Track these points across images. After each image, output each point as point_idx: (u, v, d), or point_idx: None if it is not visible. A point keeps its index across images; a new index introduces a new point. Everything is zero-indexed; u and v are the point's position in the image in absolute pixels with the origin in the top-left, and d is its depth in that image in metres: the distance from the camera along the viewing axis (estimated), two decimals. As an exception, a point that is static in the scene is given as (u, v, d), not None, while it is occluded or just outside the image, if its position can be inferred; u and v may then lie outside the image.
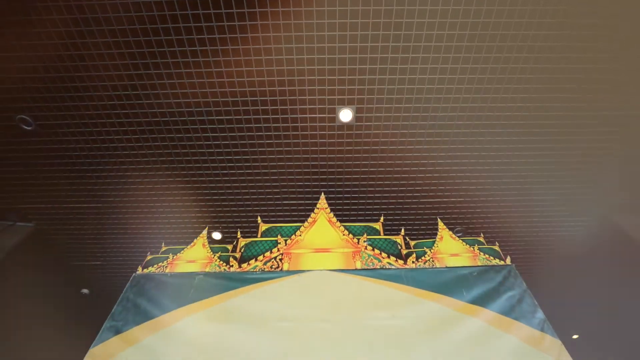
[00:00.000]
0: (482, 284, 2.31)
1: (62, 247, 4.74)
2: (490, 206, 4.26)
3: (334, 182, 3.96)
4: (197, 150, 3.70)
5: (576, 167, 3.83)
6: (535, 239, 4.66)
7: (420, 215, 4.29)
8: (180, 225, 4.50)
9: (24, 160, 3.75)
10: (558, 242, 4.66)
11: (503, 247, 4.40)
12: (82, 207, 4.23)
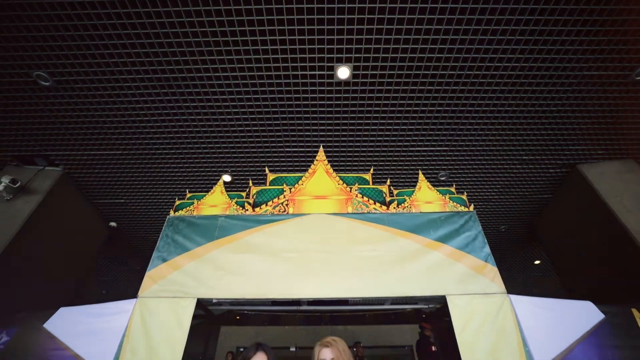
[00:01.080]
0: (447, 226, 2.93)
1: (89, 188, 5.32)
2: (463, 164, 4.76)
3: (331, 136, 4.36)
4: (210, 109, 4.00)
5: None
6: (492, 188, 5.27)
7: (404, 167, 4.80)
8: (200, 173, 5.02)
9: (45, 113, 4.07)
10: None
11: (469, 197, 5.03)
12: (103, 153, 4.67)
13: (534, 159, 4.76)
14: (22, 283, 4.32)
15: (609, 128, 4.32)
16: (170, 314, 2.43)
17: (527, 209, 5.83)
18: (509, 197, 5.56)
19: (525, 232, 6.51)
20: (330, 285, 2.64)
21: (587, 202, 4.72)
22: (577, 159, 4.78)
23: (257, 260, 2.78)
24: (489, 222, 6.27)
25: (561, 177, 5.12)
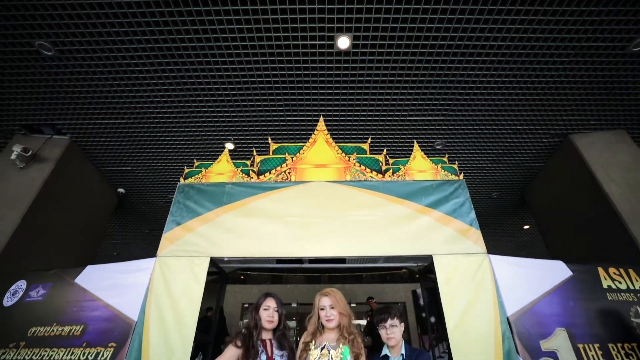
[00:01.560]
0: (437, 193, 3.16)
1: (96, 155, 5.50)
2: (459, 133, 4.89)
3: (331, 106, 4.45)
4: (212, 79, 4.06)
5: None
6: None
7: (401, 136, 4.95)
8: (204, 140, 5.17)
9: (49, 83, 4.13)
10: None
11: (464, 164, 5.23)
12: (108, 122, 4.79)
13: (528, 128, 4.90)
14: (42, 245, 4.65)
15: (603, 99, 4.41)
16: (187, 271, 2.73)
17: (519, 176, 6.07)
18: (501, 165, 5.77)
19: (516, 198, 6.80)
20: (329, 246, 2.92)
21: (575, 171, 4.95)
22: (569, 129, 4.93)
23: (263, 224, 3.04)
24: (482, 189, 6.54)
25: (553, 147, 5.29)
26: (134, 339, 2.44)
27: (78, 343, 2.55)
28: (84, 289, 2.87)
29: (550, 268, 2.91)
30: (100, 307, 2.69)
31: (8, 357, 2.66)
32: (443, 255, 2.79)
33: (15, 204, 4.31)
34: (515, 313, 2.56)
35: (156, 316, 2.52)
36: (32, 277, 3.16)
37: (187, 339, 2.41)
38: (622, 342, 2.65)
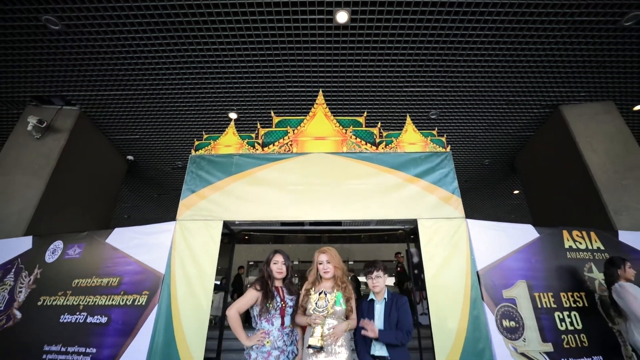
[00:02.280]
0: (425, 164, 3.49)
1: (106, 125, 5.75)
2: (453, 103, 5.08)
3: (330, 79, 4.61)
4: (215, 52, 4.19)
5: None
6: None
7: (398, 107, 5.14)
8: (208, 110, 5.38)
9: (58, 56, 4.28)
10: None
11: (458, 133, 5.48)
12: (116, 93, 4.98)
13: (519, 99, 5.09)
14: (65, 209, 5.08)
15: (593, 71, 4.56)
16: (204, 232, 3.15)
17: (510, 145, 6.35)
18: (493, 134, 6.02)
19: (507, 165, 7.13)
20: (326, 211, 3.31)
21: (561, 141, 5.22)
22: (560, 100, 5.11)
23: (268, 191, 3.41)
24: (474, 156, 6.84)
25: (544, 117, 5.51)
26: (163, 288, 2.92)
27: (117, 291, 3.05)
28: (115, 248, 3.31)
29: (520, 231, 3.33)
30: (131, 262, 3.15)
31: (59, 303, 3.19)
32: (426, 219, 3.18)
33: (38, 172, 4.66)
34: (484, 268, 3.01)
35: (180, 269, 2.98)
36: (67, 238, 3.61)
37: (208, 287, 2.89)
38: (573, 292, 3.15)
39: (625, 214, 4.28)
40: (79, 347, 2.89)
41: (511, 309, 2.90)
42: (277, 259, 2.35)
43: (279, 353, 2.05)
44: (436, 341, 2.69)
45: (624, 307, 2.76)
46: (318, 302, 2.20)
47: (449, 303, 2.83)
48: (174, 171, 7.52)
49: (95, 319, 2.98)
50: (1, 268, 3.66)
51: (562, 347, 2.85)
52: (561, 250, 3.35)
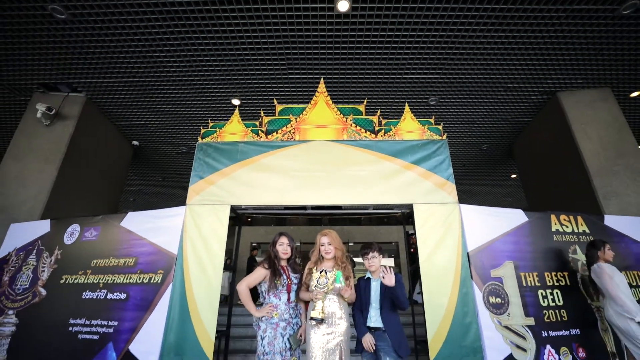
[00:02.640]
0: (422, 152, 3.64)
1: (111, 111, 5.86)
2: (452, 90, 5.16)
3: (331, 67, 4.69)
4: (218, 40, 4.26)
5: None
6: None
7: (397, 94, 5.23)
8: (211, 96, 5.48)
9: (64, 44, 4.35)
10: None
11: (456, 118, 5.58)
12: (121, 80, 5.08)
13: (517, 86, 5.17)
14: (76, 194, 5.29)
15: (591, 59, 4.62)
16: (212, 216, 3.36)
17: (508, 130, 6.46)
18: (492, 119, 6.12)
19: (505, 150, 7.27)
20: (328, 196, 3.50)
21: (557, 128, 5.34)
22: (558, 86, 5.19)
23: (272, 177, 3.59)
24: (473, 141, 6.96)
25: (542, 103, 5.60)
26: (176, 268, 3.15)
27: (133, 271, 3.30)
28: (129, 230, 3.54)
29: (510, 215, 3.53)
30: (146, 244, 3.38)
31: (80, 281, 3.45)
32: (422, 204, 3.38)
33: (49, 158, 4.84)
34: (475, 249, 3.23)
35: (192, 251, 3.21)
36: (83, 222, 3.83)
37: (218, 267, 3.13)
38: (556, 271, 3.38)
39: (614, 199, 4.47)
40: (101, 320, 3.16)
41: (498, 287, 3.14)
42: (282, 240, 2.56)
43: (286, 324, 2.30)
44: (428, 315, 2.95)
45: (600, 286, 3.00)
46: (319, 279, 2.43)
47: (440, 281, 3.07)
48: (178, 156, 7.69)
49: (115, 295, 3.24)
50: (23, 249, 3.91)
51: (543, 321, 3.11)
52: (548, 234, 3.56)
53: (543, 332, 3.06)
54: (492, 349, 2.87)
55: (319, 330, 2.29)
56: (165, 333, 2.92)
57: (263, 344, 2.22)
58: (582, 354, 3.10)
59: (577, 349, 3.10)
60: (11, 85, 5.10)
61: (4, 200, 4.51)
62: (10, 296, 3.64)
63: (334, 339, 2.28)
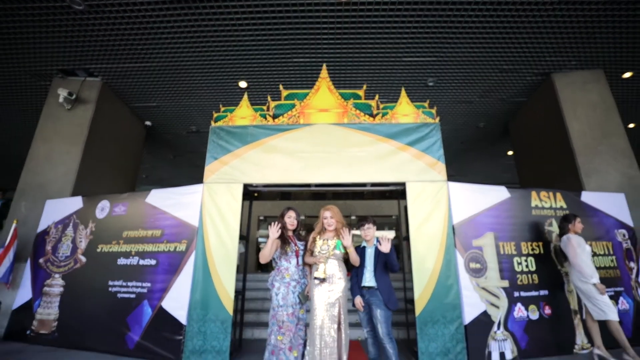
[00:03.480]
0: (416, 134, 3.98)
1: (125, 94, 6.18)
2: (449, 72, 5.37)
3: (333, 54, 4.91)
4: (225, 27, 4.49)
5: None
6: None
7: (396, 77, 5.46)
8: (219, 79, 5.75)
9: (82, 33, 4.62)
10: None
11: (454, 99, 5.82)
12: (135, 65, 5.36)
13: (513, 67, 5.36)
14: (99, 173, 5.75)
15: (584, 41, 4.78)
16: (227, 193, 3.79)
17: (504, 110, 6.68)
18: (488, 99, 6.34)
19: (501, 129, 7.51)
20: (330, 175, 3.89)
21: (549, 108, 5.58)
22: (552, 68, 5.37)
23: (280, 158, 3.98)
24: (470, 120, 7.21)
25: (537, 84, 5.80)
26: (198, 238, 3.64)
27: (160, 241, 3.79)
28: (154, 206, 4.00)
29: (494, 191, 3.92)
30: (170, 218, 3.86)
31: (114, 250, 3.97)
32: (414, 182, 3.77)
33: (74, 140, 5.25)
34: (460, 222, 3.66)
35: (210, 223, 3.68)
36: (112, 198, 4.30)
37: (234, 237, 3.60)
38: (532, 241, 3.82)
39: (594, 176, 4.81)
40: (136, 282, 3.71)
41: (478, 254, 3.60)
42: (290, 214, 2.99)
43: (295, 283, 2.78)
44: (415, 277, 3.43)
45: (567, 254, 3.44)
46: (322, 246, 2.88)
47: (427, 249, 3.53)
48: (188, 135, 8.05)
49: (146, 261, 3.76)
50: (61, 222, 4.42)
51: (516, 283, 3.60)
52: (527, 208, 3.97)
53: (515, 292, 3.56)
54: (469, 306, 3.37)
55: (321, 287, 2.77)
56: (192, 292, 3.45)
57: (277, 298, 2.71)
58: (548, 311, 3.60)
59: (544, 307, 3.61)
60: (32, 71, 5.42)
61: (38, 179, 4.98)
62: (55, 262, 4.20)
63: (334, 294, 2.76)
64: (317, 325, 2.67)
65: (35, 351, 3.60)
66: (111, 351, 3.50)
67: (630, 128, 7.30)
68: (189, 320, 3.35)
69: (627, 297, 3.92)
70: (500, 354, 3.30)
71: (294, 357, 2.62)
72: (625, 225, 4.23)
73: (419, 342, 3.25)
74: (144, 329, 3.48)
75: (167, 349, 3.30)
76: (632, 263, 4.08)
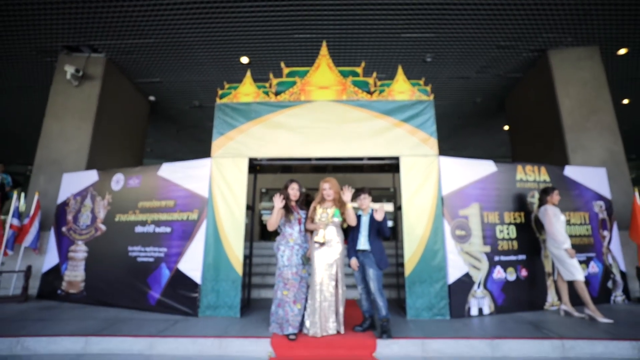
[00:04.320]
0: (411, 111, 4.19)
1: (129, 70, 6.30)
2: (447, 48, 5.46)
3: (332, 30, 5.00)
4: None
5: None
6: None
7: (394, 53, 5.56)
8: (221, 55, 5.85)
9: (85, 9, 4.69)
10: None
11: (450, 74, 5.95)
12: (138, 41, 5.45)
13: (510, 44, 5.46)
14: (109, 147, 6.01)
15: (580, 17, 4.86)
16: (234, 166, 4.08)
17: (500, 86, 6.81)
18: (485, 75, 6.46)
19: (497, 104, 7.66)
20: (329, 149, 4.15)
21: (543, 85, 5.73)
22: (548, 45, 5.47)
23: (282, 133, 4.22)
24: (467, 95, 7.35)
25: (533, 61, 5.90)
26: (208, 208, 3.97)
27: (174, 210, 4.13)
28: (166, 179, 4.31)
29: (482, 165, 4.20)
30: (181, 190, 4.17)
31: (131, 219, 4.32)
32: (407, 156, 4.05)
33: (83, 116, 5.47)
34: (448, 193, 3.97)
35: (219, 194, 4.00)
36: (125, 172, 4.60)
37: (241, 207, 3.94)
38: (515, 212, 4.17)
39: (580, 152, 5.08)
40: (153, 247, 4.09)
41: (464, 223, 3.95)
42: (293, 186, 3.31)
43: (298, 247, 3.15)
44: (406, 242, 3.80)
45: (544, 223, 3.79)
46: (322, 214, 3.22)
47: (418, 218, 3.87)
48: (191, 109, 8.21)
49: (162, 229, 4.13)
50: (79, 194, 4.76)
51: (497, 249, 3.98)
52: (512, 181, 4.27)
53: (496, 257, 3.95)
54: (453, 268, 3.77)
55: (321, 250, 3.14)
56: (205, 256, 3.84)
57: (283, 259, 3.09)
58: (525, 273, 4.02)
59: (521, 269, 4.02)
60: (38, 47, 5.52)
61: (53, 154, 5.26)
62: (77, 230, 4.58)
63: (332, 256, 3.14)
64: (317, 282, 3.07)
65: (67, 307, 4.06)
66: (135, 307, 3.95)
67: (624, 104, 7.45)
68: (203, 280, 3.77)
69: (598, 261, 4.33)
70: (478, 309, 3.75)
71: (297, 309, 3.03)
72: (603, 197, 4.56)
73: (407, 298, 3.67)
74: (163, 288, 3.91)
75: (185, 305, 3.74)
76: (606, 232, 4.46)
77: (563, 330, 3.04)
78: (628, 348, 2.65)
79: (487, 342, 2.77)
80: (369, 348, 2.79)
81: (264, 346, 2.80)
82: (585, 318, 3.48)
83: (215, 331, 3.04)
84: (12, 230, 4.60)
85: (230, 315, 3.64)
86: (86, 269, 4.38)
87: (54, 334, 2.90)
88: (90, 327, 3.17)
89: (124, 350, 2.79)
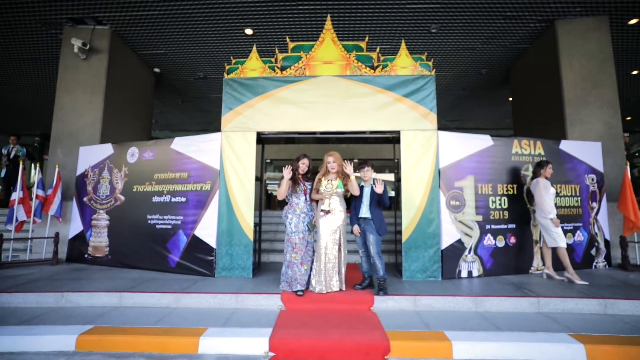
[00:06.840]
0: (412, 86, 4.30)
1: (134, 42, 6.32)
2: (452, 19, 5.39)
3: (337, 2, 4.95)
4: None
5: None
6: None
7: (398, 28, 5.50)
8: (225, 27, 5.84)
9: (90, -21, 4.69)
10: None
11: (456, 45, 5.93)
12: (142, 13, 5.45)
13: (517, 14, 5.38)
14: (119, 120, 6.20)
15: (589, -14, 4.77)
16: (243, 140, 4.30)
17: (506, 57, 6.75)
18: (491, 46, 6.40)
19: (503, 75, 7.61)
20: (334, 124, 4.33)
21: (548, 56, 5.71)
22: (556, 14, 5.38)
23: (288, 108, 4.39)
24: (472, 66, 7.31)
25: (540, 31, 5.82)
26: (220, 179, 4.25)
27: (188, 181, 4.42)
28: (179, 152, 4.55)
29: (479, 139, 4.39)
30: (194, 162, 4.43)
31: (148, 189, 4.63)
32: (407, 131, 4.23)
33: (94, 90, 5.61)
34: (445, 166, 4.20)
35: (230, 166, 4.26)
36: (139, 145, 4.84)
37: (250, 178, 4.21)
38: (508, 184, 4.41)
39: (578, 126, 5.20)
40: (170, 215, 4.43)
41: (458, 194, 4.21)
42: (304, 161, 3.57)
43: (305, 215, 3.46)
44: (404, 211, 4.10)
45: (534, 195, 4.05)
46: (327, 185, 3.50)
47: (415, 188, 4.13)
48: (196, 81, 8.26)
49: (177, 199, 4.44)
50: (96, 167, 5.05)
51: (489, 218, 4.27)
52: (508, 155, 4.48)
53: (487, 225, 4.25)
54: (447, 235, 4.09)
55: (326, 218, 3.45)
56: (219, 223, 4.17)
57: (291, 226, 3.41)
58: (513, 240, 4.34)
59: (510, 237, 4.34)
60: (42, 20, 5.55)
61: (69, 128, 5.49)
62: (97, 200, 4.93)
63: (335, 223, 3.45)
64: (323, 246, 3.41)
65: (95, 269, 4.50)
66: (157, 269, 4.38)
67: (633, 75, 7.39)
68: (218, 245, 4.14)
69: (584, 231, 4.63)
70: (468, 272, 4.12)
71: (304, 269, 3.40)
72: (595, 170, 4.77)
73: (403, 262, 4.04)
74: (182, 251, 4.30)
75: (202, 267, 4.14)
76: (595, 203, 4.72)
77: (541, 290, 3.41)
78: (595, 304, 3.01)
79: (471, 299, 3.14)
80: (368, 303, 3.18)
81: (275, 301, 3.19)
82: (565, 281, 3.84)
83: (232, 288, 3.45)
84: (39, 200, 4.96)
85: (244, 276, 4.05)
86: (109, 235, 4.78)
87: (93, 290, 3.31)
88: (121, 285, 3.58)
89: (153, 304, 3.21)
